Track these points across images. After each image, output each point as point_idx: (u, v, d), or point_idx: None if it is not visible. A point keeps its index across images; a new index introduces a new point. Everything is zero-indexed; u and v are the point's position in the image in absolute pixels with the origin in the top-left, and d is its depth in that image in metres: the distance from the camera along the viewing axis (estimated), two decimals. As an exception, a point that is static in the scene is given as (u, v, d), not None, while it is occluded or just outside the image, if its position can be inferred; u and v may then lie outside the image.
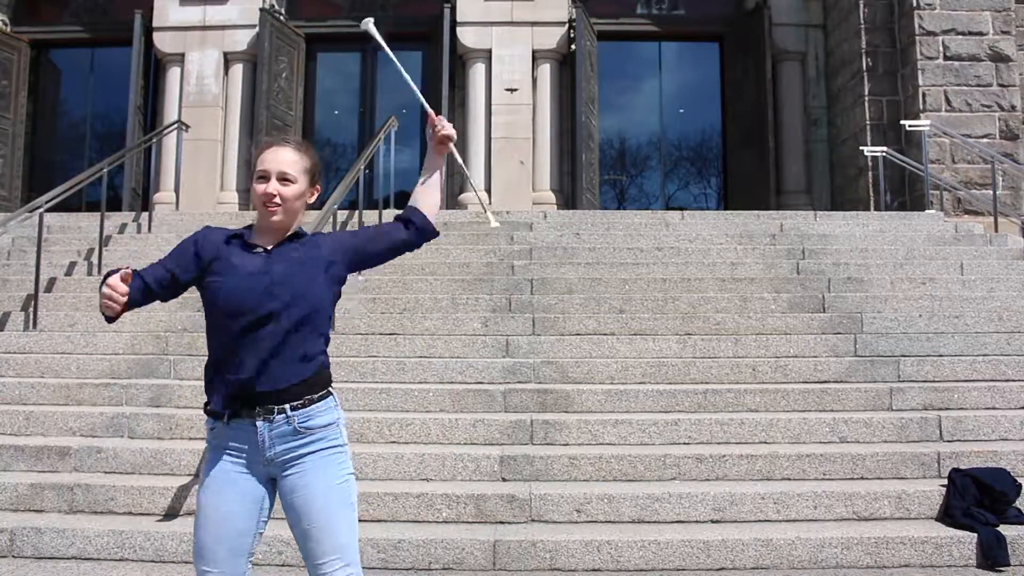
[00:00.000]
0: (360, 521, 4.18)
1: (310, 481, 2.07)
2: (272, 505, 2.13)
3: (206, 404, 2.12)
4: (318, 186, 2.26)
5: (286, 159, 2.14)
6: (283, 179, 2.12)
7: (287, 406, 2.06)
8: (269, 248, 2.13)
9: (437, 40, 11.43)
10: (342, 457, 2.13)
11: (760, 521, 4.07)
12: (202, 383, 2.12)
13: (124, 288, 1.92)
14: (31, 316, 6.35)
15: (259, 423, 2.05)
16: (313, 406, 2.09)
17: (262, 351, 2.03)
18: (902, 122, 10.23)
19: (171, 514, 4.16)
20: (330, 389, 2.16)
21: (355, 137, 12.58)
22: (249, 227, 2.21)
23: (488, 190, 11.27)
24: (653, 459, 4.44)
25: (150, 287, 2.08)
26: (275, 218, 2.13)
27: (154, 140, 10.54)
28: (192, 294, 6.78)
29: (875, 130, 10.54)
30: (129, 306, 1.98)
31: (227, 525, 2.04)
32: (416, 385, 5.29)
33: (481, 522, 4.07)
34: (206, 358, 2.15)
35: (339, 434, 2.14)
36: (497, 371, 5.43)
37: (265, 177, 2.12)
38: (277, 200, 2.11)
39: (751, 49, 11.83)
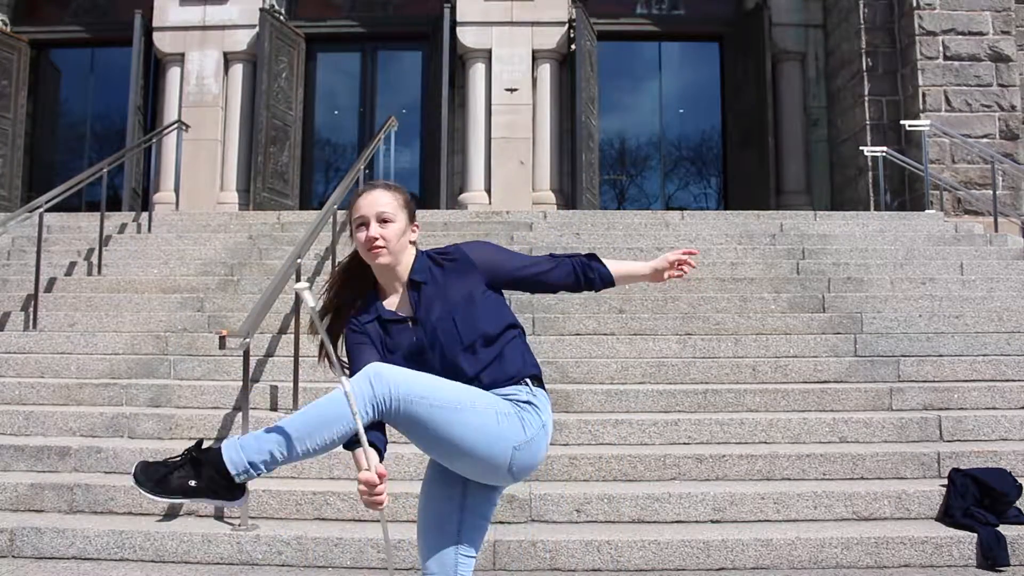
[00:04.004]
0: (360, 521, 4.20)
1: None
2: (475, 499, 2.16)
3: None
4: (416, 223, 2.22)
5: (380, 200, 2.14)
6: (382, 220, 2.12)
7: None
8: (412, 314, 2.11)
9: (437, 40, 11.43)
10: (527, 409, 2.09)
11: (760, 521, 4.07)
12: (201, 383, 2.12)
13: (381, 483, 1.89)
14: (31, 316, 6.35)
15: None
16: (508, 388, 2.09)
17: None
18: (902, 122, 10.22)
19: (171, 514, 4.15)
20: (525, 380, 2.13)
21: (355, 137, 12.57)
22: (373, 289, 2.20)
23: (488, 190, 11.28)
24: (653, 459, 4.44)
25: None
26: (381, 260, 2.11)
27: (154, 140, 10.55)
28: (188, 294, 6.68)
29: (875, 130, 10.54)
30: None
31: (428, 511, 2.18)
32: (416, 385, 5.29)
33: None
34: None
35: (530, 395, 2.11)
36: (497, 371, 5.42)
37: (364, 223, 2.12)
38: (380, 243, 2.10)
39: (751, 49, 11.82)
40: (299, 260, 5.21)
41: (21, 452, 4.60)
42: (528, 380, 2.13)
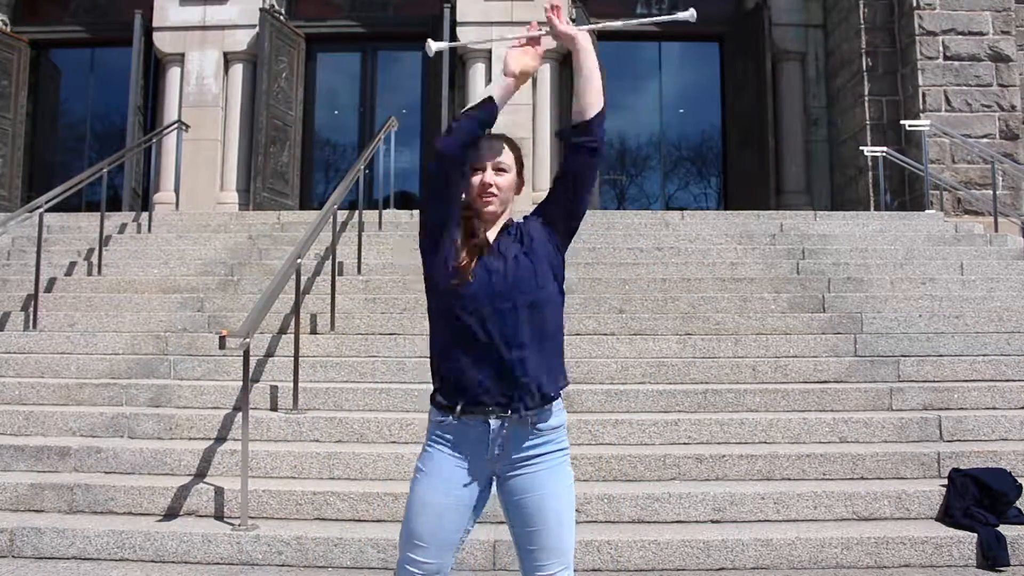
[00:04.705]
0: (360, 521, 4.20)
1: (543, 482, 2.07)
2: (486, 502, 2.14)
3: (433, 395, 2.11)
4: (523, 179, 2.26)
5: (500, 150, 2.18)
6: (498, 169, 2.15)
7: (522, 404, 2.05)
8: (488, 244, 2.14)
9: (437, 40, 11.40)
10: (568, 460, 2.14)
11: (760, 521, 4.07)
12: (201, 383, 2.11)
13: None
14: (31, 316, 6.35)
15: (491, 420, 2.04)
16: (548, 406, 2.09)
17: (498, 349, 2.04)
18: (902, 122, 10.23)
19: (171, 514, 4.16)
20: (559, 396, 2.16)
21: (355, 137, 12.58)
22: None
23: (488, 190, 11.26)
24: (653, 459, 4.44)
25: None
26: (491, 208, 2.15)
27: (154, 140, 10.54)
28: (188, 294, 6.68)
29: (875, 130, 10.54)
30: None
31: (445, 520, 2.07)
32: (416, 385, 5.29)
33: (481, 522, 4.04)
34: (429, 346, 2.14)
35: (566, 437, 2.15)
36: (497, 371, 5.42)
37: (481, 169, 2.14)
38: (493, 190, 2.14)
39: (751, 49, 11.82)
40: (299, 260, 5.21)
41: (21, 452, 4.60)
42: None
